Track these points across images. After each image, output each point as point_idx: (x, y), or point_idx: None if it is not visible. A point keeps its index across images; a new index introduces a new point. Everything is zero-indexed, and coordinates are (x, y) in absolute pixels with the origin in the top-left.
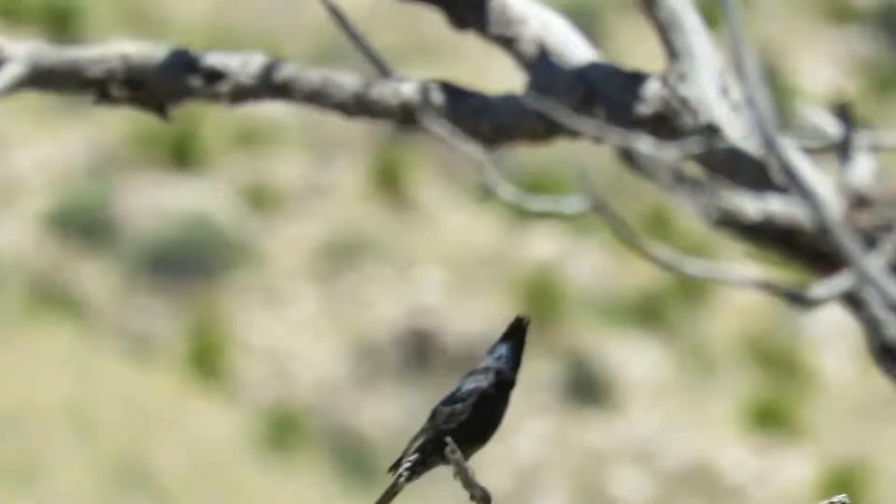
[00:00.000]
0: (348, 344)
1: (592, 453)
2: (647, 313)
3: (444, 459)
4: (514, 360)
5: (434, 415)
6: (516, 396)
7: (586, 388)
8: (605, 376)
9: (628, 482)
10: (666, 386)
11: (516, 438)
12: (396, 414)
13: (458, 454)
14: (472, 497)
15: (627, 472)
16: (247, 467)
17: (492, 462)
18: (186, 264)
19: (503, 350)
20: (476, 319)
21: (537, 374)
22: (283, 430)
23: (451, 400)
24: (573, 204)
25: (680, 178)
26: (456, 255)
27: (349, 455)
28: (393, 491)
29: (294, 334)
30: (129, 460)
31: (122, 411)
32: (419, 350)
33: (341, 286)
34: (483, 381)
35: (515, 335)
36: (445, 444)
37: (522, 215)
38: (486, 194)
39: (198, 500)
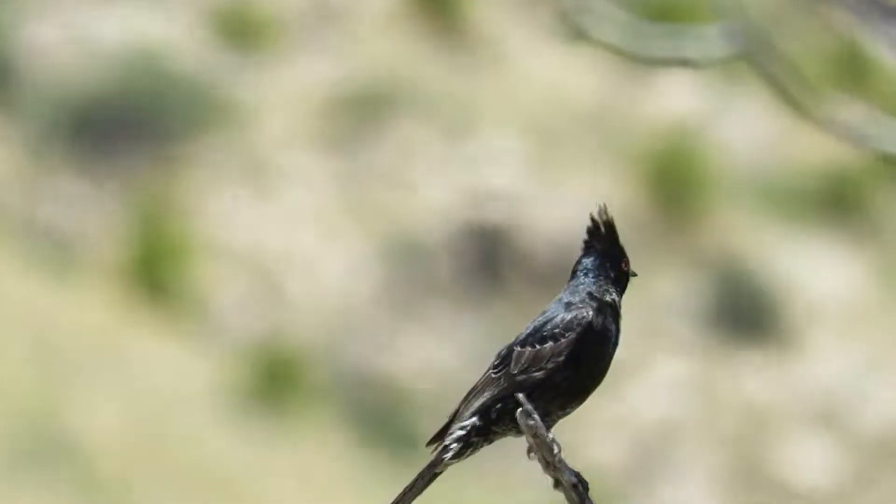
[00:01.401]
0: (374, 248)
1: (752, 411)
2: (832, 203)
3: (514, 428)
4: (614, 274)
5: (506, 359)
6: (639, 329)
7: (743, 315)
8: (771, 297)
9: (806, 453)
10: (862, 311)
11: (638, 390)
12: (445, 354)
13: (537, 421)
14: (557, 484)
15: (804, 438)
16: (217, 432)
17: (602, 424)
18: (125, 127)
19: (590, 262)
20: (568, 211)
21: (669, 296)
22: (274, 379)
23: (534, 337)
24: (712, 46)
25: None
26: (539, 114)
27: (372, 414)
28: (431, 473)
29: (291, 234)
30: (41, 420)
31: (30, 348)
32: (483, 256)
33: (363, 159)
34: (584, 309)
35: (602, 236)
36: (517, 406)
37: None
38: (576, 33)
39: (140, 477)
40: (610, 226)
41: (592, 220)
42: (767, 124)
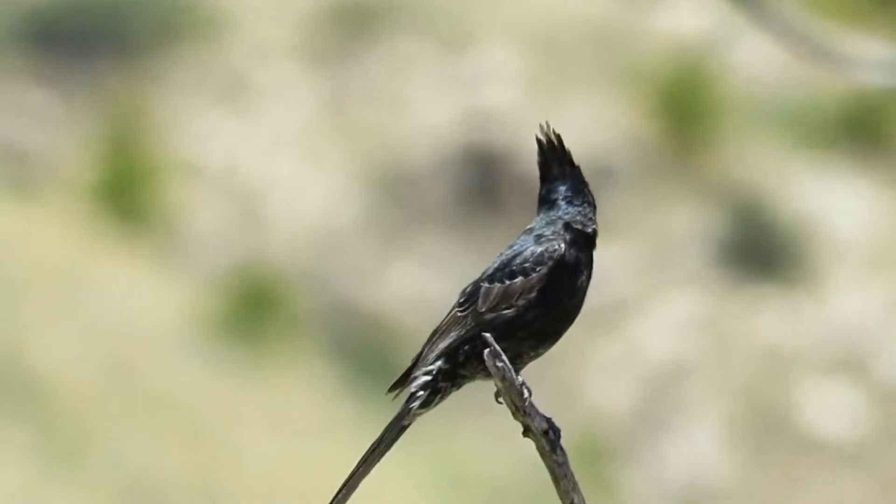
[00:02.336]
0: (362, 171)
1: (768, 355)
2: (856, 130)
3: (483, 371)
4: (584, 198)
5: (472, 297)
6: (647, 263)
7: (758, 250)
8: (789, 231)
9: (827, 401)
10: (887, 248)
11: (645, 329)
12: (438, 286)
13: (506, 363)
14: (527, 431)
15: (826, 385)
16: (190, 365)
17: (604, 365)
18: (92, 34)
19: (562, 188)
20: (572, 132)
21: (679, 228)
22: (251, 310)
23: (503, 272)
24: None
25: None
26: (542, 30)
27: (358, 349)
28: (399, 426)
29: (271, 154)
30: (1, 353)
31: None
32: (478, 180)
33: (351, 75)
34: (556, 241)
35: (555, 159)
36: (485, 347)
37: None
38: None
39: (108, 413)
40: (562, 144)
41: (540, 142)
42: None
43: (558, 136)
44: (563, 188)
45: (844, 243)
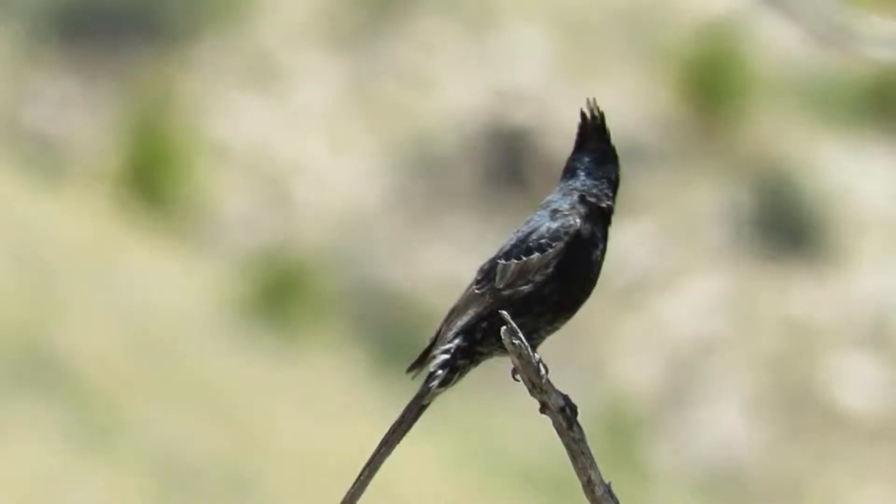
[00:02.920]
0: (389, 152)
1: (795, 330)
2: (882, 107)
3: (501, 348)
4: (605, 174)
5: (489, 274)
6: (674, 240)
7: (785, 226)
8: (816, 206)
9: (854, 375)
10: None
11: (672, 305)
12: (466, 266)
13: (522, 340)
14: (544, 408)
15: (853, 359)
16: (218, 349)
17: (631, 341)
18: (121, 21)
19: (587, 158)
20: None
21: (706, 204)
22: (280, 293)
23: (519, 249)
24: None
25: None
26: (568, 8)
27: (386, 329)
28: (419, 406)
29: (299, 137)
30: (30, 337)
31: (17, 261)
32: (505, 160)
33: (377, 56)
34: (571, 216)
35: (594, 134)
36: (502, 324)
37: None
38: None
39: (135, 396)
40: (603, 121)
41: (584, 115)
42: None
43: (602, 113)
44: (587, 159)
45: (871, 218)
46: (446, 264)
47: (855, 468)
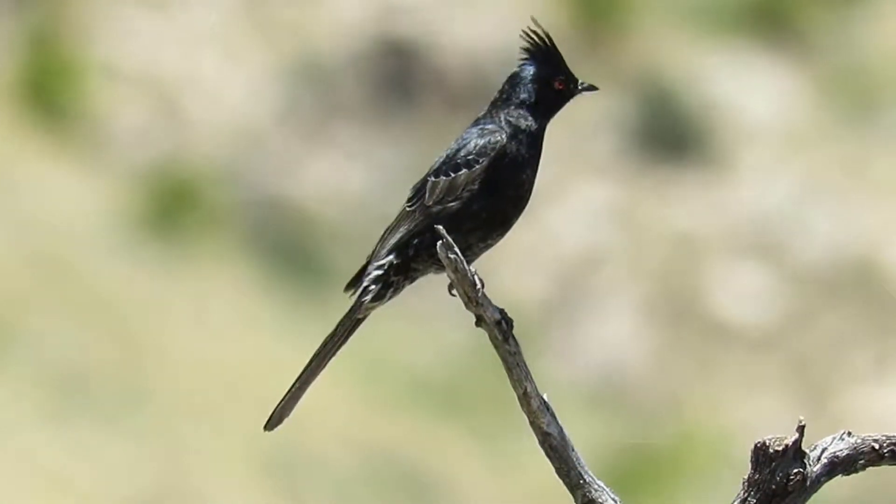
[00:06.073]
0: (278, 66)
1: (681, 241)
2: (767, 17)
3: (434, 264)
4: (542, 94)
5: (420, 192)
6: (558, 152)
7: (670, 137)
8: (701, 117)
9: (740, 285)
10: (798, 134)
11: (559, 218)
12: (355, 179)
13: (458, 254)
14: (479, 321)
15: (738, 270)
16: (111, 262)
17: (518, 254)
18: None
19: (525, 76)
20: (486, 26)
21: (590, 116)
22: (172, 206)
23: (448, 165)
24: None
25: None
26: None
27: (278, 242)
28: (354, 320)
29: (190, 51)
30: None
31: None
32: (395, 74)
33: None
34: (497, 133)
35: (539, 51)
36: (436, 240)
37: None
38: None
39: (28, 308)
40: (542, 40)
41: (526, 32)
42: None
43: (548, 35)
44: (522, 79)
45: (755, 128)
46: (337, 176)
47: (739, 378)
